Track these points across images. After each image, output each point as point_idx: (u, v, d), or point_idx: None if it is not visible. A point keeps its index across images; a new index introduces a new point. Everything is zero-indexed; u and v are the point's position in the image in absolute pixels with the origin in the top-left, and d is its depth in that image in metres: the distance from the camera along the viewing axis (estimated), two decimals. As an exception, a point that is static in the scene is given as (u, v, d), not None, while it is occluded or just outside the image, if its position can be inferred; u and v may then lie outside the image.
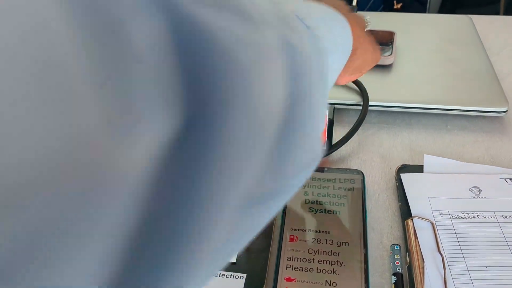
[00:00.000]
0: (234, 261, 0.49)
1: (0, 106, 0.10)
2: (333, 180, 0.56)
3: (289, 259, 0.48)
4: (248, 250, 0.50)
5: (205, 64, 0.16)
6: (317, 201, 0.54)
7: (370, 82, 0.68)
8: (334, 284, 0.46)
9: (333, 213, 0.53)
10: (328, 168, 0.58)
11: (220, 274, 0.47)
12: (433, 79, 0.70)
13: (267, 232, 0.51)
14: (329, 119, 0.59)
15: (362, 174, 0.57)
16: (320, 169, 0.58)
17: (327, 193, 0.55)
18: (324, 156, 0.60)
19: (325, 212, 0.53)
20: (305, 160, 0.27)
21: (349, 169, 0.58)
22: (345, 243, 0.49)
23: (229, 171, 0.17)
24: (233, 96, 0.16)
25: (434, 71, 0.73)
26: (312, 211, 0.53)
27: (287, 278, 0.46)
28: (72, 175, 0.11)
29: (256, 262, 0.49)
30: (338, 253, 0.49)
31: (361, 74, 0.52)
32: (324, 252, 0.49)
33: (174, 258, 0.16)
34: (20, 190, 0.10)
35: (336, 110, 0.65)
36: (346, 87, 0.69)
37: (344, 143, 0.61)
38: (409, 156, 0.61)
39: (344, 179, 0.56)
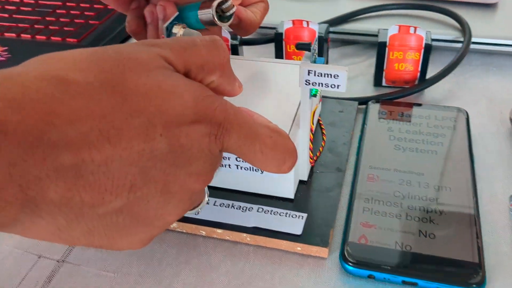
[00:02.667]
0: (291, 196, 0.36)
1: None
2: (428, 117, 0.43)
3: (367, 201, 0.35)
4: (311, 186, 0.37)
5: None
6: (405, 138, 0.41)
7: (471, 19, 0.54)
8: (432, 236, 0.32)
9: (428, 152, 0.39)
10: (423, 104, 0.45)
11: (272, 211, 0.35)
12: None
13: (338, 168, 0.39)
14: (426, 44, 0.46)
15: (466, 113, 0.43)
16: (410, 105, 0.45)
17: (420, 130, 0.42)
18: (415, 91, 0.47)
19: (417, 151, 0.40)
20: None
21: (447, 106, 0.44)
22: (446, 187, 0.36)
23: None
24: None
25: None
26: (400, 149, 0.40)
27: (364, 224, 0.34)
28: None
29: (322, 201, 0.36)
30: (437, 199, 0.35)
31: None
32: (417, 197, 0.35)
33: None
34: None
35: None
36: (439, 21, 0.55)
37: (441, 78, 0.48)
38: (525, 102, 0.47)
39: (443, 117, 0.43)
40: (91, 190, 0.21)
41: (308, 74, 0.31)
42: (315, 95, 0.34)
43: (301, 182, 0.38)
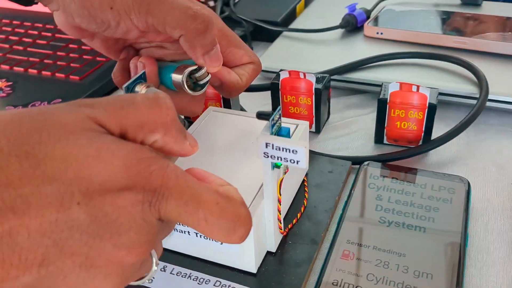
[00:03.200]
0: (254, 271, 0.33)
1: None
2: (423, 186, 0.39)
3: (335, 283, 0.32)
4: (280, 258, 0.34)
5: None
6: (393, 209, 0.37)
7: (491, 72, 0.50)
8: (400, 335, 0.28)
9: (415, 229, 0.35)
10: (419, 170, 0.41)
11: (229, 286, 0.32)
12: None
13: (313, 240, 0.36)
14: (430, 104, 0.42)
15: (468, 183, 0.39)
16: (406, 169, 0.41)
17: (411, 201, 0.38)
18: (415, 153, 0.43)
19: (403, 227, 0.36)
20: None
21: (448, 174, 0.40)
22: (427, 274, 0.32)
23: None
24: None
25: None
26: (384, 222, 0.36)
27: (327, 311, 0.30)
28: None
29: (287, 277, 0.33)
30: (415, 287, 0.31)
31: None
32: (393, 283, 0.32)
33: None
34: None
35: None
36: (454, 72, 0.51)
37: (447, 140, 0.43)
38: (543, 172, 0.42)
39: (439, 187, 0.39)
40: None
41: (266, 147, 0.29)
42: (278, 167, 0.31)
43: (269, 253, 0.35)
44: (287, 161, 0.29)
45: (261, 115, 0.30)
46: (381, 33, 0.60)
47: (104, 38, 0.38)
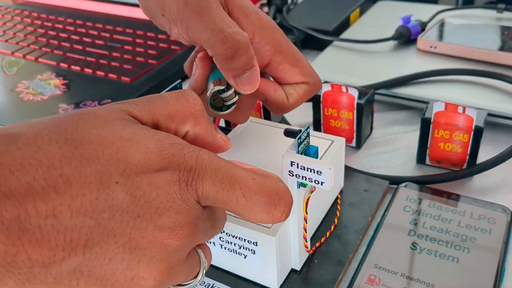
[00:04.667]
0: (276, 287, 0.33)
1: None
2: (462, 213, 0.37)
3: (358, 308, 0.31)
4: (304, 277, 0.34)
5: None
6: (427, 236, 0.36)
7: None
8: None
9: (448, 258, 0.34)
10: (459, 196, 0.39)
11: (253, 300, 0.32)
12: None
13: (340, 261, 0.35)
14: (476, 127, 0.40)
15: (511, 213, 0.37)
16: (445, 194, 0.39)
17: (447, 228, 0.36)
18: (457, 177, 0.42)
19: (435, 255, 0.34)
20: None
21: (489, 202, 0.38)
22: (454, 309, 0.31)
23: None
24: None
25: None
26: (416, 248, 0.35)
27: (345, 336, 0.30)
28: None
29: (309, 298, 0.33)
30: (439, 321, 0.30)
31: None
32: (417, 314, 0.31)
33: None
34: None
35: (486, 126, 0.46)
36: (508, 92, 0.48)
37: (493, 166, 0.41)
38: None
39: (479, 215, 0.37)
40: (39, 246, 0.19)
41: (291, 165, 0.29)
42: (304, 186, 0.31)
43: (294, 270, 0.35)
44: (312, 181, 0.28)
45: (288, 133, 0.30)
46: (435, 47, 0.58)
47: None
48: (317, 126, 0.49)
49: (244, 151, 0.39)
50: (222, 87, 0.33)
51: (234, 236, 0.32)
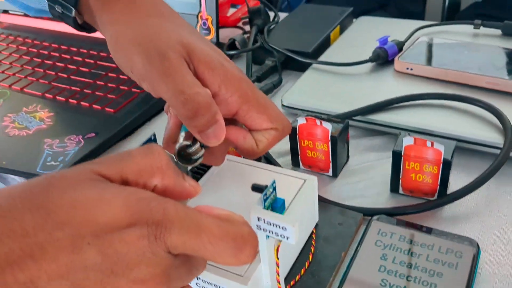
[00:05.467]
0: (252, 329, 0.35)
1: None
2: (430, 247, 0.39)
3: None
4: (279, 318, 0.36)
5: None
6: (396, 272, 0.37)
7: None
8: None
9: (415, 295, 0.36)
10: (428, 228, 0.41)
11: None
12: None
13: (312, 299, 0.36)
14: (445, 160, 0.42)
15: (477, 246, 0.38)
16: (416, 226, 0.41)
17: (416, 263, 0.38)
18: (427, 208, 0.43)
19: (403, 291, 0.36)
20: None
21: (457, 235, 0.40)
22: None
23: None
24: None
25: None
26: (386, 285, 0.36)
27: None
28: None
29: (283, 339, 0.34)
30: None
31: None
32: None
33: None
34: None
35: (459, 150, 0.47)
36: (480, 119, 0.50)
37: (462, 196, 0.43)
38: None
39: (447, 249, 0.39)
40: None
41: (258, 220, 0.30)
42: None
43: (269, 310, 0.36)
44: (278, 235, 0.30)
45: (255, 188, 0.31)
46: (411, 69, 0.59)
47: None
48: (294, 155, 0.50)
49: (220, 191, 0.40)
50: (189, 143, 0.35)
51: (209, 283, 0.34)
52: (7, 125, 0.58)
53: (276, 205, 0.31)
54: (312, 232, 0.42)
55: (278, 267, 0.34)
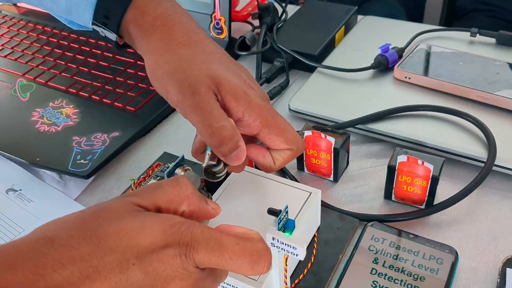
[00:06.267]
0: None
1: None
2: (416, 253, 0.45)
3: None
4: (285, 311, 0.42)
5: None
6: (385, 274, 0.44)
7: (502, 134, 0.54)
8: None
9: (400, 296, 0.42)
10: (414, 235, 0.47)
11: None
12: None
13: (314, 297, 0.43)
14: (433, 176, 0.47)
15: (456, 254, 0.45)
16: (405, 233, 0.47)
17: (402, 267, 0.44)
18: (416, 217, 0.49)
19: (390, 293, 0.43)
20: None
21: (440, 243, 0.46)
22: None
23: None
24: None
25: None
26: (376, 286, 0.43)
27: None
28: None
29: (288, 330, 0.41)
30: None
31: None
32: None
33: None
34: None
35: (448, 160, 0.53)
36: (468, 132, 0.55)
37: (448, 206, 0.49)
38: (531, 244, 0.47)
39: (430, 256, 0.45)
40: None
41: (273, 239, 0.36)
42: (284, 250, 0.38)
43: (277, 305, 0.43)
44: (289, 252, 0.36)
45: (271, 212, 0.37)
46: (409, 78, 0.64)
47: None
48: (300, 161, 0.56)
49: (235, 201, 0.46)
50: (214, 163, 0.40)
51: (228, 284, 0.40)
52: (37, 120, 0.63)
53: (288, 226, 0.37)
54: (315, 235, 0.48)
55: (286, 272, 0.40)
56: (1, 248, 0.27)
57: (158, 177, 0.54)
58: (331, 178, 0.55)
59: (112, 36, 0.46)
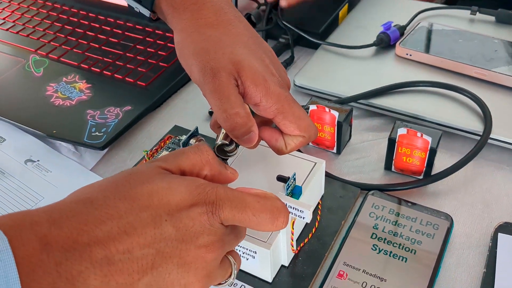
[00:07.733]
0: (270, 280, 0.45)
1: None
2: (413, 219, 0.48)
3: (329, 297, 0.43)
4: (291, 272, 0.46)
5: None
6: (385, 239, 0.47)
7: (498, 109, 0.57)
8: None
9: (399, 258, 0.45)
10: (412, 203, 0.50)
11: (252, 289, 0.44)
12: None
13: (318, 258, 0.46)
14: (431, 148, 0.50)
15: (451, 220, 0.48)
16: (403, 202, 0.50)
17: (401, 232, 0.47)
18: (414, 187, 0.52)
19: (389, 255, 0.46)
20: None
21: (436, 210, 0.49)
22: (399, 299, 0.42)
23: None
24: None
25: None
26: (376, 249, 0.46)
27: (319, 318, 0.42)
28: None
29: (294, 287, 0.44)
30: (387, 308, 0.42)
31: None
32: (371, 302, 0.42)
33: None
34: None
35: (445, 134, 0.55)
36: (466, 107, 0.58)
37: (445, 176, 0.52)
38: (522, 212, 0.50)
39: (427, 222, 0.48)
40: (122, 273, 0.29)
41: (282, 204, 0.39)
42: (291, 213, 0.41)
43: (284, 266, 0.46)
44: (296, 215, 0.39)
45: (280, 179, 0.40)
46: (410, 55, 0.66)
47: None
48: (305, 134, 0.58)
49: (247, 170, 0.49)
50: (227, 142, 0.42)
51: (241, 246, 0.43)
52: (51, 94, 0.66)
53: (295, 192, 0.40)
54: (319, 203, 0.51)
55: (293, 235, 0.44)
56: (45, 208, 0.30)
57: (170, 149, 0.57)
58: (334, 150, 0.58)
59: (146, 12, 0.48)
